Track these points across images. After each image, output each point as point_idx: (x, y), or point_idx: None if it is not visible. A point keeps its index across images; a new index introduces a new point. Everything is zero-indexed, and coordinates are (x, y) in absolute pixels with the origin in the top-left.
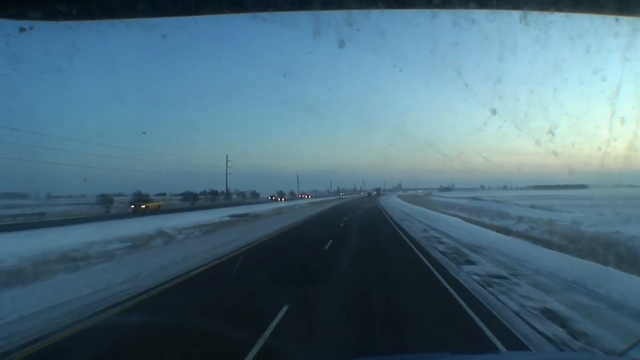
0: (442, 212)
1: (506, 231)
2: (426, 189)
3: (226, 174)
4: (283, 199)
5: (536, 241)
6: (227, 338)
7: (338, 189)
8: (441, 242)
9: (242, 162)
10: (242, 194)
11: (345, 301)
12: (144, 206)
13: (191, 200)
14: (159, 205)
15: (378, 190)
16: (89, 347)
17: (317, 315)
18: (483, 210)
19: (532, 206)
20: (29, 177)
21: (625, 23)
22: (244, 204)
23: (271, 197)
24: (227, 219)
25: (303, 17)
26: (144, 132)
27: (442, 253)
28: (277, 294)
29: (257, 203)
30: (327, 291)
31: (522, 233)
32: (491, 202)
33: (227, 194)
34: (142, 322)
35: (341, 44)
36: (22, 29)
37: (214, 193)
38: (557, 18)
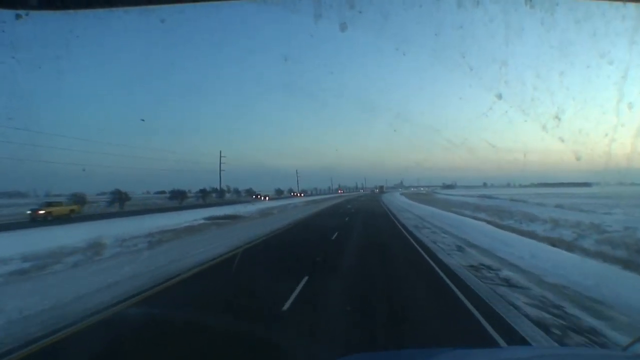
0: (458, 214)
1: (567, 246)
2: (428, 187)
3: (220, 170)
4: (267, 198)
5: (624, 264)
6: None
7: (339, 186)
8: (509, 283)
9: (240, 158)
10: (237, 191)
11: None
12: (43, 211)
13: (179, 199)
14: (71, 210)
15: (381, 187)
16: None
17: None
18: (503, 210)
19: (558, 206)
20: (29, 175)
21: (633, 6)
22: (239, 202)
23: (256, 196)
24: (201, 222)
25: (304, 1)
26: (142, 120)
27: (544, 328)
28: None
29: (246, 202)
30: None
31: (579, 246)
32: (507, 201)
33: (220, 192)
34: None
35: (343, 27)
36: (18, 16)
37: (204, 191)
38: (563, 1)
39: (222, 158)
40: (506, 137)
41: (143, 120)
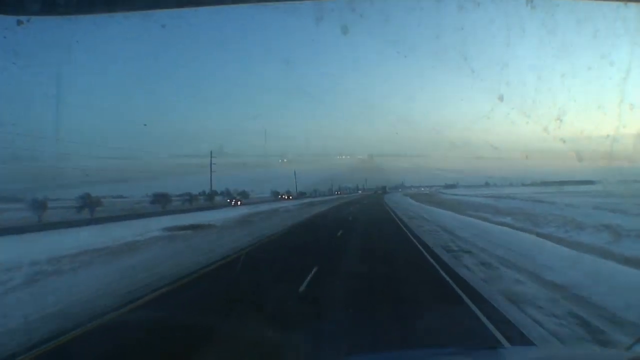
0: (480, 219)
1: None
2: (430, 187)
3: (210, 172)
4: (239, 203)
5: None
6: None
7: (339, 188)
8: None
9: (240, 161)
10: (228, 194)
11: None
12: None
13: (161, 204)
14: None
15: (383, 188)
16: None
17: None
18: (530, 213)
19: (596, 208)
20: (27, 179)
21: (634, 7)
22: (228, 206)
23: (230, 200)
24: (156, 234)
25: (305, 5)
26: (144, 125)
27: None
28: None
29: (235, 207)
30: None
31: None
32: (528, 202)
33: (209, 195)
34: None
35: (344, 30)
36: (19, 22)
37: (191, 194)
38: (564, 2)
39: (214, 159)
40: (508, 138)
41: (145, 125)
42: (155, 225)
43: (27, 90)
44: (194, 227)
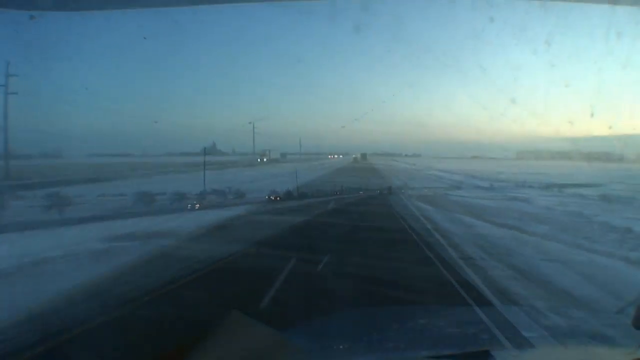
0: (516, 229)
1: None
2: (434, 188)
3: (204, 169)
4: (197, 206)
5: None
6: None
7: (341, 187)
8: None
9: (244, 157)
10: (222, 192)
11: None
12: None
13: (145, 202)
14: None
15: (389, 189)
16: None
17: None
18: (565, 222)
19: (633, 217)
20: (30, 175)
21: None
22: (225, 206)
23: (193, 204)
24: (90, 246)
25: (319, 4)
26: (155, 122)
27: None
28: None
29: (228, 206)
30: None
31: None
32: (551, 207)
33: (202, 195)
34: None
35: (357, 29)
36: (32, 17)
37: (180, 193)
38: (577, 5)
39: (216, 156)
40: (516, 138)
41: (156, 122)
42: (103, 233)
43: (37, 84)
44: (147, 237)
